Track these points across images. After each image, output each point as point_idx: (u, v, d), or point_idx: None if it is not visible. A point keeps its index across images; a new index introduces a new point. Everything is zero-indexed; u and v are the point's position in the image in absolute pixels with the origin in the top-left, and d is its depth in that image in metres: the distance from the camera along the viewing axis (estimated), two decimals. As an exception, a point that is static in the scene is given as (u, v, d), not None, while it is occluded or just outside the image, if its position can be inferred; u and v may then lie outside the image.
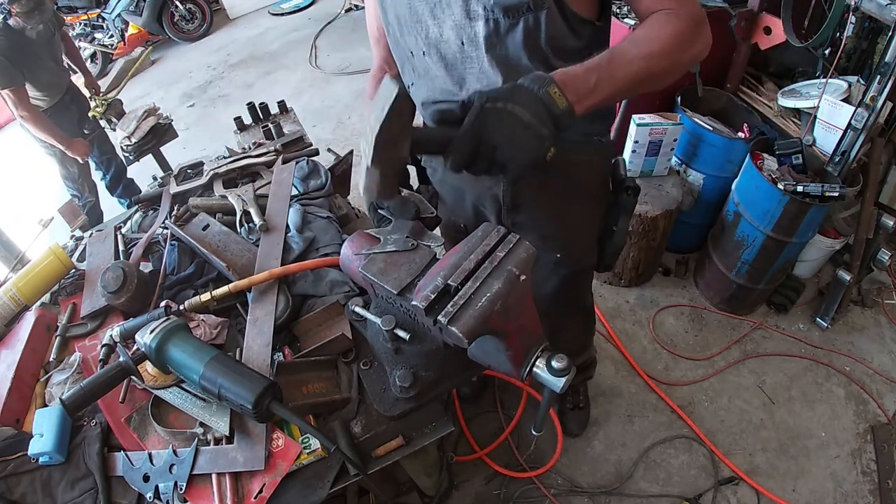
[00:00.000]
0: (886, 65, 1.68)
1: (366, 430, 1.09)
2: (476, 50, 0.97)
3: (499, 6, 0.90)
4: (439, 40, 1.00)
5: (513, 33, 0.94)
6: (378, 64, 1.26)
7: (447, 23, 0.97)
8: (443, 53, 1.01)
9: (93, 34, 5.82)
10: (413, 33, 1.03)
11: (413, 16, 1.00)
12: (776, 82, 2.48)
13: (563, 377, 0.76)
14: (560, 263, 1.35)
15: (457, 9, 0.94)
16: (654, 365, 2.28)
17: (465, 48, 0.98)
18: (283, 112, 2.12)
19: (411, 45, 1.05)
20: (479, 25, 0.94)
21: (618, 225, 1.31)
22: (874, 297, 2.42)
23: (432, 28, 0.99)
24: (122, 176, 3.35)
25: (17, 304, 1.38)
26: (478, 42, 0.96)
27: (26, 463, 1.10)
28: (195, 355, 1.01)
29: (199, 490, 1.02)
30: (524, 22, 0.92)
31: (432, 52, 1.02)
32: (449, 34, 0.98)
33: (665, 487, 1.92)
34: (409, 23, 1.01)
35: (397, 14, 1.03)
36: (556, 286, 1.42)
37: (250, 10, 6.55)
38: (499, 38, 0.95)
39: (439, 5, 0.96)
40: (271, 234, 1.40)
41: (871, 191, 2.04)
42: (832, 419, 2.07)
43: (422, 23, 1.00)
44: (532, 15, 0.91)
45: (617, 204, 1.29)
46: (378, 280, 0.84)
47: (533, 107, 0.77)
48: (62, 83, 2.88)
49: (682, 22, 0.88)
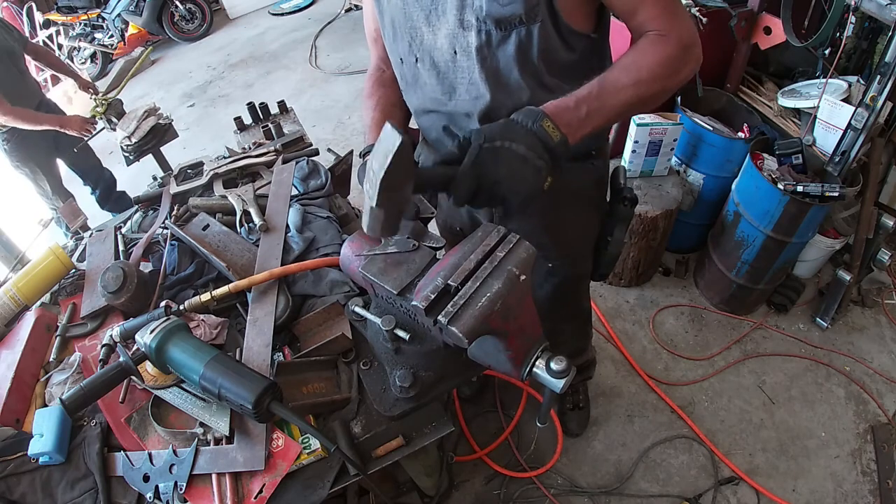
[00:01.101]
0: (886, 65, 1.68)
1: (366, 430, 1.09)
2: (468, 60, 0.97)
3: (491, 18, 0.89)
4: (433, 47, 0.99)
5: (504, 46, 0.93)
6: (375, 63, 1.26)
7: (442, 30, 0.96)
8: (436, 61, 1.01)
9: (93, 34, 5.82)
10: (407, 39, 1.02)
11: (408, 21, 0.99)
12: (776, 82, 2.48)
13: (563, 378, 0.76)
14: (552, 272, 1.35)
15: (451, 17, 0.93)
16: (654, 365, 2.28)
17: (457, 57, 0.97)
18: (283, 112, 2.12)
19: (403, 52, 1.05)
20: (472, 36, 0.93)
21: (613, 235, 1.30)
22: (874, 297, 2.42)
23: (427, 35, 0.99)
24: (112, 189, 3.24)
25: (17, 304, 1.38)
26: (470, 52, 0.95)
27: (26, 463, 1.10)
28: (195, 355, 1.01)
29: (199, 490, 1.02)
30: (516, 35, 0.91)
31: (426, 58, 1.02)
32: (443, 42, 0.97)
33: (665, 487, 1.92)
34: (404, 28, 1.01)
35: (392, 18, 1.02)
36: (549, 293, 1.41)
37: (250, 10, 6.56)
38: (490, 50, 0.94)
39: (434, 13, 0.95)
40: (271, 234, 1.40)
41: (871, 191, 2.04)
42: (832, 419, 2.07)
43: (417, 29, 0.99)
44: (524, 28, 0.90)
45: (613, 213, 1.28)
46: (378, 280, 0.84)
47: (529, 141, 0.80)
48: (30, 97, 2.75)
49: (671, 47, 0.88)
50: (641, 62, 0.89)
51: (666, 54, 0.88)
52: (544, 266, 1.33)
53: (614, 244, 1.31)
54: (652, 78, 0.88)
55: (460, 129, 1.05)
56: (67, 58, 5.77)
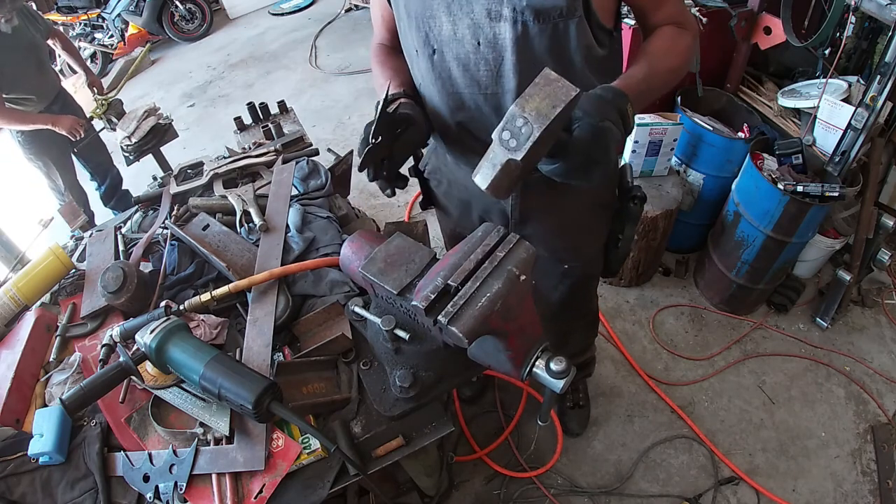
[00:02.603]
0: (886, 65, 1.68)
1: (366, 430, 1.09)
2: (492, 52, 0.95)
3: (531, 9, 0.88)
4: (452, 38, 0.97)
5: (540, 39, 0.92)
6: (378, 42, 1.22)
7: (464, 21, 0.94)
8: (456, 53, 0.98)
9: (93, 34, 5.82)
10: (423, 29, 0.98)
11: (426, 10, 0.96)
12: (776, 82, 2.48)
13: (563, 379, 0.76)
14: (567, 273, 1.36)
15: (477, 7, 0.91)
16: (654, 365, 2.28)
17: (480, 49, 0.96)
18: (283, 112, 2.12)
19: (418, 43, 1.01)
20: (503, 27, 0.92)
21: (624, 233, 1.30)
22: (874, 297, 2.42)
23: (446, 25, 0.96)
24: (118, 188, 3.25)
25: (17, 304, 1.39)
26: (496, 44, 0.94)
27: (26, 463, 1.10)
28: (195, 355, 1.01)
29: (199, 490, 1.02)
30: (553, 28, 0.91)
31: (445, 50, 0.99)
32: (464, 33, 0.95)
33: (665, 487, 1.92)
34: (420, 17, 0.97)
35: (407, 5, 0.99)
36: (564, 294, 1.42)
37: (250, 10, 6.55)
38: (526, 42, 0.93)
39: (457, 2, 0.93)
40: (271, 234, 1.40)
41: (871, 191, 2.04)
42: (832, 419, 2.07)
43: (435, 18, 0.96)
44: (562, 22, 0.90)
45: (623, 212, 1.28)
46: (378, 280, 0.84)
47: (619, 123, 0.83)
48: (48, 90, 2.71)
49: (690, 37, 1.00)
50: (673, 50, 0.98)
51: (689, 44, 1.00)
52: (559, 268, 1.34)
53: (625, 242, 1.31)
54: (681, 65, 1.00)
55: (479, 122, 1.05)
56: (67, 58, 5.77)
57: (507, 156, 0.70)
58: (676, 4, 1.01)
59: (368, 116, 0.94)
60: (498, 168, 0.71)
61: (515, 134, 0.69)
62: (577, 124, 0.77)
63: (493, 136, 0.72)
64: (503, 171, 0.72)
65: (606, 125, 0.79)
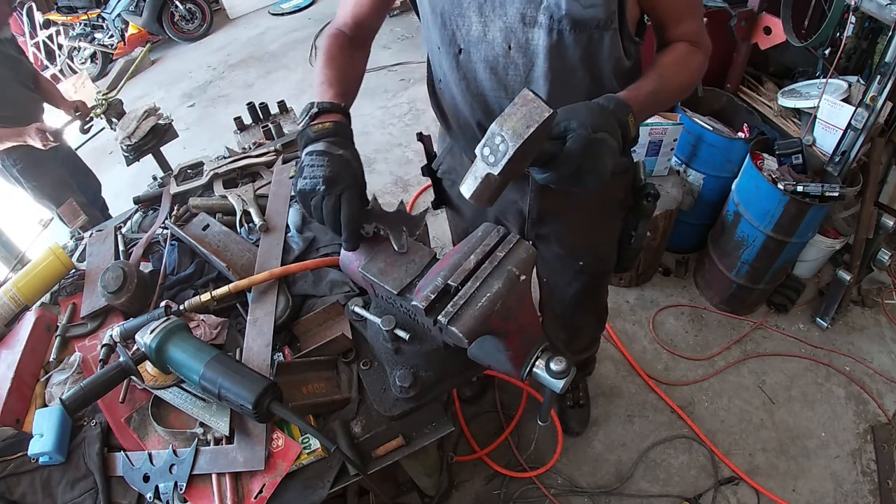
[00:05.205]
0: (886, 65, 1.68)
1: (366, 430, 1.09)
2: (523, 57, 0.95)
3: (569, 18, 0.88)
4: (482, 39, 0.96)
5: (575, 47, 0.92)
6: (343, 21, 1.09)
7: (496, 23, 0.93)
8: (484, 54, 0.97)
9: (93, 34, 5.82)
10: (451, 27, 0.97)
11: (455, 8, 0.94)
12: (776, 82, 2.48)
13: (563, 379, 0.76)
14: (582, 270, 1.37)
15: (511, 10, 0.90)
16: (654, 365, 2.28)
17: (511, 53, 0.95)
18: (283, 112, 2.12)
19: (444, 41, 1.00)
20: (537, 33, 0.91)
21: (637, 230, 1.31)
22: (874, 297, 2.42)
23: (475, 25, 0.95)
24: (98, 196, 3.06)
25: (17, 304, 1.38)
26: (528, 49, 0.93)
27: (26, 463, 1.10)
28: (195, 355, 1.01)
29: (199, 490, 1.02)
30: (588, 38, 0.91)
31: (473, 51, 0.98)
32: (495, 35, 0.94)
33: (665, 487, 1.92)
34: (449, 15, 0.96)
35: (433, 4, 0.97)
36: (578, 290, 1.44)
37: (250, 10, 6.55)
38: (560, 50, 0.92)
39: (490, 3, 0.92)
40: (271, 234, 1.40)
41: (871, 191, 2.04)
42: (832, 419, 2.07)
43: (465, 17, 0.95)
44: (598, 33, 0.91)
45: (637, 209, 1.29)
46: (378, 280, 0.84)
47: (617, 136, 0.82)
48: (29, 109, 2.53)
49: (702, 56, 1.01)
50: (684, 68, 0.98)
51: (701, 64, 1.01)
52: (574, 265, 1.35)
53: (638, 239, 1.32)
54: (690, 83, 1.01)
55: None
56: (67, 58, 5.77)
57: (486, 170, 0.74)
58: (696, 23, 1.00)
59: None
60: (479, 181, 0.75)
61: (494, 151, 0.72)
62: (570, 135, 0.77)
63: (476, 152, 0.75)
64: (483, 184, 0.75)
65: (600, 136, 0.78)
